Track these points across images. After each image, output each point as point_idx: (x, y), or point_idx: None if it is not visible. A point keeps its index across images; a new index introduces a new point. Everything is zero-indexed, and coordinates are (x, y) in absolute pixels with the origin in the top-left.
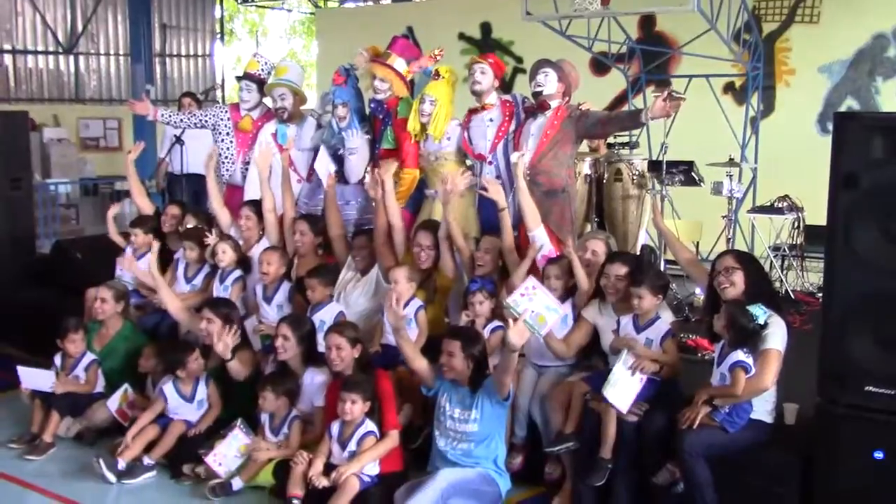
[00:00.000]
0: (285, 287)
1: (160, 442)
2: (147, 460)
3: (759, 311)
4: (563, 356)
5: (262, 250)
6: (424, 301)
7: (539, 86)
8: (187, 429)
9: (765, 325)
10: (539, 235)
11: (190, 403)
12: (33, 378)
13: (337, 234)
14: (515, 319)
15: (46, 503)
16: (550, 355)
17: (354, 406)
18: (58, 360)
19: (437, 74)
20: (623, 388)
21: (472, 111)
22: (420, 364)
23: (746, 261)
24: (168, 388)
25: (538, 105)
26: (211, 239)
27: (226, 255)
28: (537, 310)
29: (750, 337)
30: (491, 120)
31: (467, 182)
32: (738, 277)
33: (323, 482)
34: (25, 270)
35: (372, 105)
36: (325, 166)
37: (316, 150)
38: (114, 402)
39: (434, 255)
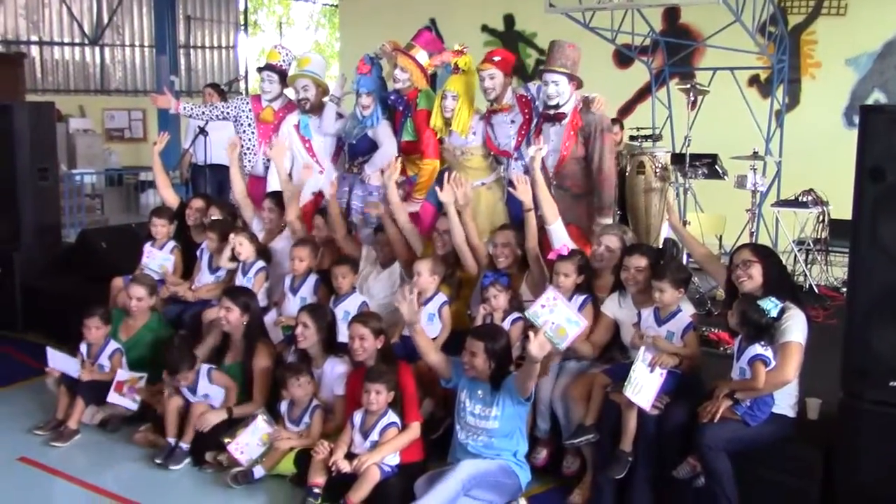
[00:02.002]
0: (311, 279)
1: (187, 427)
2: (183, 445)
3: (771, 305)
4: (588, 358)
5: (294, 245)
6: (449, 297)
7: (552, 98)
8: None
9: (778, 318)
10: (556, 230)
11: (194, 396)
12: (60, 361)
13: (341, 235)
14: (536, 331)
15: (70, 489)
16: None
17: (379, 396)
18: (83, 348)
19: (457, 68)
20: (644, 386)
21: (492, 111)
22: (435, 358)
23: (764, 254)
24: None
25: (554, 117)
26: (225, 259)
27: (243, 247)
28: (558, 321)
29: (764, 331)
30: (512, 122)
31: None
32: (756, 271)
33: (345, 466)
34: (52, 260)
35: (392, 97)
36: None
37: (339, 140)
38: (122, 375)
39: (449, 240)
